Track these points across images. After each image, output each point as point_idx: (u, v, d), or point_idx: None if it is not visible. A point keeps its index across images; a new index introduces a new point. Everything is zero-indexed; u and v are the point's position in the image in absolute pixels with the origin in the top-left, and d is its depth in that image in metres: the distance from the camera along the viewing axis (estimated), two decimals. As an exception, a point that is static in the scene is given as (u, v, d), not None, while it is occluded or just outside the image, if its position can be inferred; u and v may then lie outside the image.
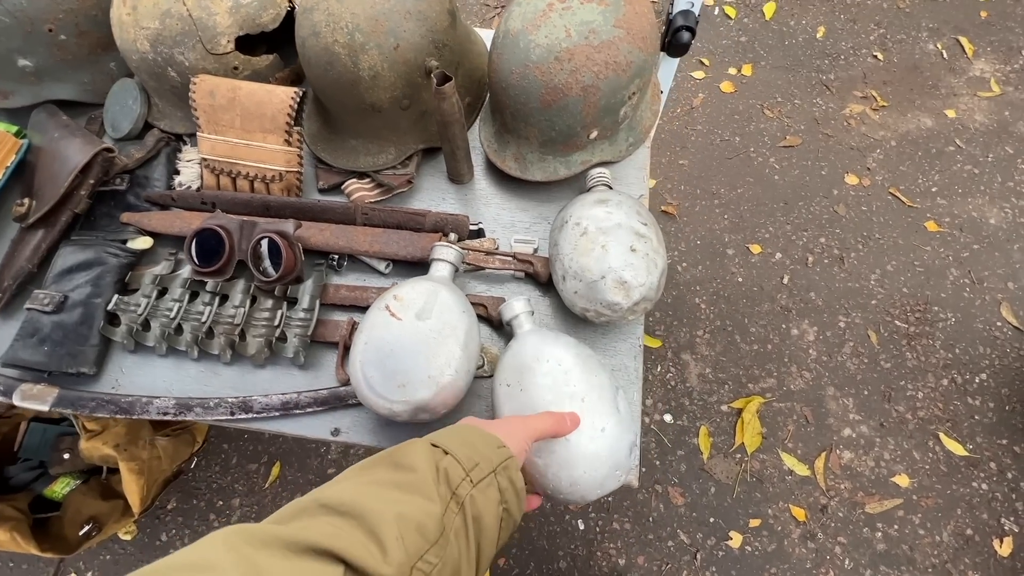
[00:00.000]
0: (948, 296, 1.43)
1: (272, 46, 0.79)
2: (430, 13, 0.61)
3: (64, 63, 0.72)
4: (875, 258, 1.49)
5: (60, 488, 1.17)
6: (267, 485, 1.28)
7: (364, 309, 0.64)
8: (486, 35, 0.79)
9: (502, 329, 0.63)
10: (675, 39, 0.72)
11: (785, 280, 1.47)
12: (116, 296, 0.62)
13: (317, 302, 0.61)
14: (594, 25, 0.57)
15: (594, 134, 0.64)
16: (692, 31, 0.71)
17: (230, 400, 0.57)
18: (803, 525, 1.21)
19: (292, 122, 0.65)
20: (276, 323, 0.60)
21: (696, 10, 0.71)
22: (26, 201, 0.65)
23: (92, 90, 0.75)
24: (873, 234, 1.52)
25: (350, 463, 1.31)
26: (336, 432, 0.58)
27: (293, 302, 0.62)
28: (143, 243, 0.65)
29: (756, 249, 1.52)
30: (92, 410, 0.57)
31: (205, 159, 0.67)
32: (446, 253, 0.59)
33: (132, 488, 1.11)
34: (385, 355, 0.50)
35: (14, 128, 0.71)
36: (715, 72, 1.84)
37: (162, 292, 0.63)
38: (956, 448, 1.26)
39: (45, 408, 0.57)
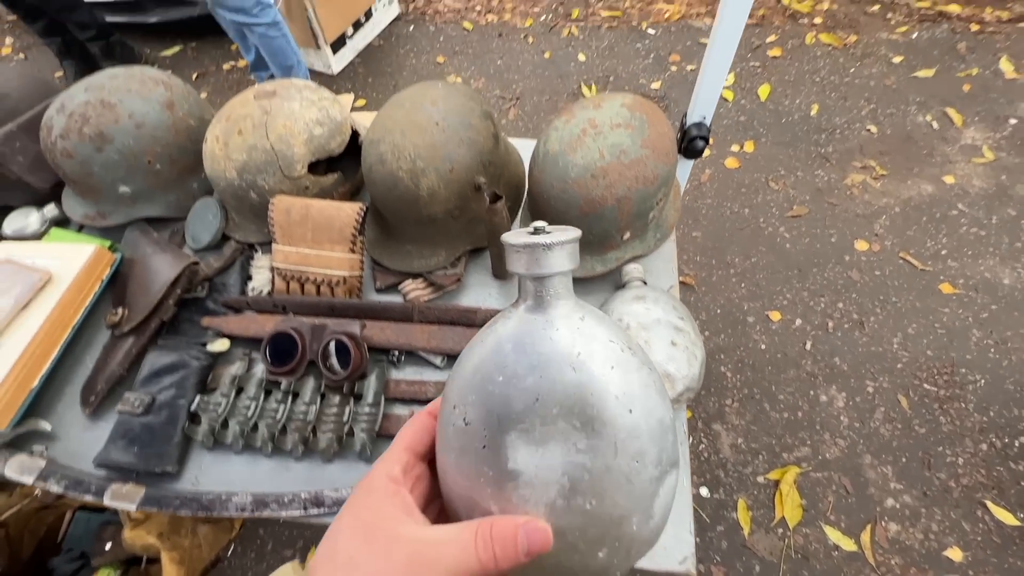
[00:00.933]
0: (974, 358, 1.44)
1: (331, 163, 0.89)
2: (478, 139, 0.71)
3: (156, 187, 0.82)
4: (895, 321, 1.52)
5: (101, 580, 1.17)
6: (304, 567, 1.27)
7: (423, 402, 0.69)
8: (519, 143, 0.90)
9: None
10: (691, 146, 0.81)
11: (808, 346, 1.50)
12: (199, 397, 0.67)
13: (382, 397, 0.66)
14: (624, 146, 0.65)
15: (627, 235, 0.71)
16: (706, 140, 0.80)
17: (303, 496, 0.61)
18: (857, 606, 1.16)
19: (357, 232, 0.73)
20: (344, 419, 0.65)
21: (708, 121, 0.80)
22: (120, 310, 0.73)
23: (177, 207, 0.85)
24: (890, 298, 1.56)
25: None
26: (401, 524, 0.61)
27: (358, 397, 0.67)
28: (221, 345, 0.72)
29: (776, 316, 1.56)
30: (176, 508, 0.61)
31: (277, 267, 0.75)
32: (500, 349, 0.64)
33: (173, 579, 1.12)
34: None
35: (108, 243, 0.81)
36: (719, 149, 1.97)
37: (239, 391, 0.69)
38: (1006, 517, 1.23)
39: (133, 507, 0.61)
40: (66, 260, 0.74)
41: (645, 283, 0.71)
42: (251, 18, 1.79)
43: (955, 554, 1.20)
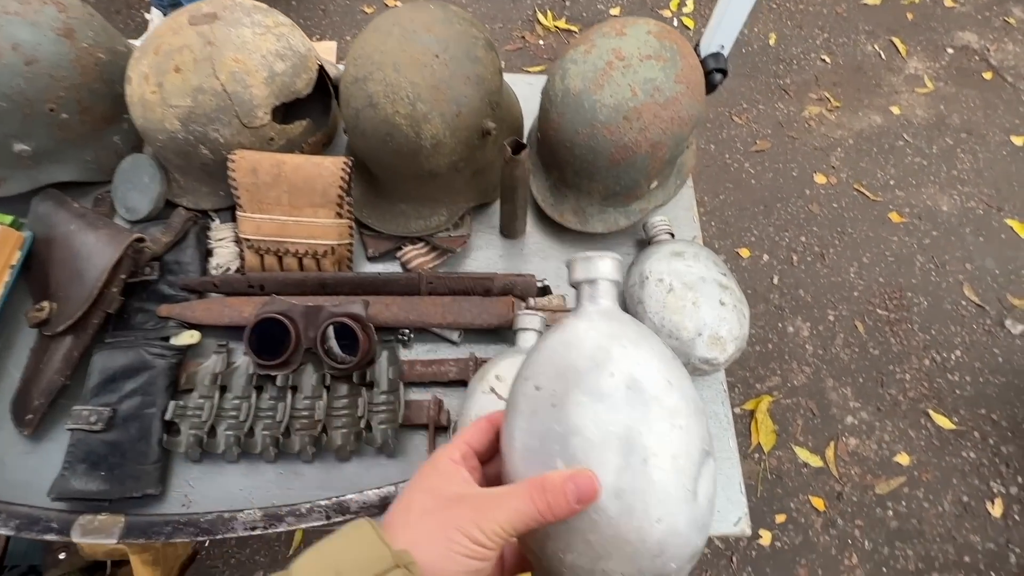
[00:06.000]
0: (918, 282, 1.56)
1: (291, 108, 0.74)
2: (485, 75, 0.59)
3: (65, 142, 0.65)
4: (851, 252, 1.60)
5: (60, 593, 1.05)
6: (291, 552, 1.21)
7: (443, 384, 0.61)
8: (508, 78, 0.78)
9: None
10: (708, 80, 0.74)
11: (775, 280, 1.55)
12: (172, 402, 0.56)
13: (400, 383, 0.58)
14: (657, 82, 0.57)
15: (655, 184, 0.65)
16: (724, 73, 0.73)
17: (323, 503, 0.54)
18: (823, 514, 1.28)
19: (344, 193, 0.62)
20: (360, 412, 0.57)
21: (727, 51, 0.73)
22: (46, 305, 0.58)
23: (96, 168, 0.68)
24: (847, 229, 1.63)
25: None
26: (439, 520, 0.55)
27: (370, 385, 0.59)
28: (191, 338, 0.60)
29: (745, 253, 1.59)
30: (168, 536, 0.52)
31: (248, 239, 0.63)
32: (532, 322, 0.57)
33: (149, 582, 1.02)
34: (504, 443, 0.48)
35: (9, 218, 0.63)
36: (682, 82, 1.91)
37: (222, 389, 0.58)
38: (944, 422, 1.38)
39: (113, 542, 0.51)
40: (-44, 245, 0.57)
41: (673, 235, 0.66)
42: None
43: (903, 459, 1.34)
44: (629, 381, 0.28)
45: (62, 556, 1.10)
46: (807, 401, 1.40)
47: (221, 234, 0.66)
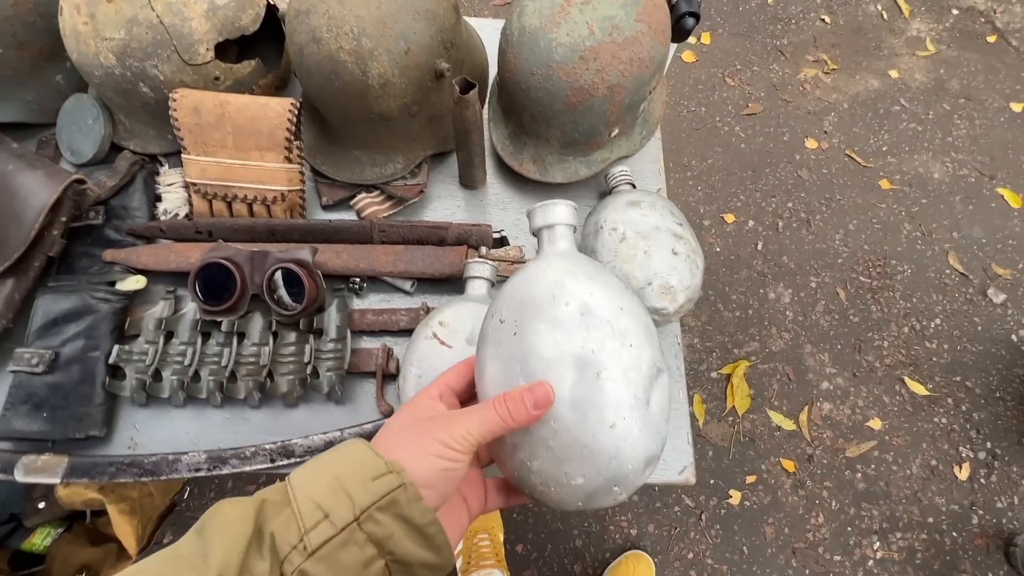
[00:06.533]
0: (903, 249, 1.54)
1: (244, 50, 0.71)
2: (438, 11, 0.57)
3: (2, 80, 0.62)
4: (838, 218, 1.58)
5: (40, 540, 1.07)
6: (269, 505, 1.24)
7: (393, 333, 0.61)
8: (476, 23, 0.75)
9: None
10: (678, 25, 0.71)
11: (759, 246, 1.54)
12: (117, 347, 0.55)
13: (348, 331, 0.57)
14: (616, 20, 0.54)
15: (615, 132, 0.63)
16: (696, 16, 0.70)
17: (268, 447, 0.54)
18: (793, 475, 1.31)
19: (292, 137, 0.60)
20: (306, 358, 0.56)
21: (699, -6, 0.69)
22: (-15, 247, 0.57)
23: (38, 109, 0.65)
24: (835, 196, 1.61)
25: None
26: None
27: (319, 333, 0.58)
28: (137, 283, 0.59)
29: (730, 218, 1.57)
30: (112, 476, 0.52)
31: (194, 183, 0.61)
32: (482, 270, 0.56)
33: (125, 530, 1.04)
34: (443, 387, 0.47)
35: (-52, 160, 0.61)
36: (675, 42, 1.84)
37: (168, 336, 0.57)
38: (919, 389, 1.39)
39: (56, 481, 0.51)
40: None
41: (634, 187, 0.64)
42: None
43: (875, 424, 1.35)
44: (582, 308, 0.32)
45: (41, 506, 1.12)
46: (784, 366, 1.41)
47: (170, 179, 0.65)
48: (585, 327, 0.31)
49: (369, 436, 0.55)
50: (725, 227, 1.56)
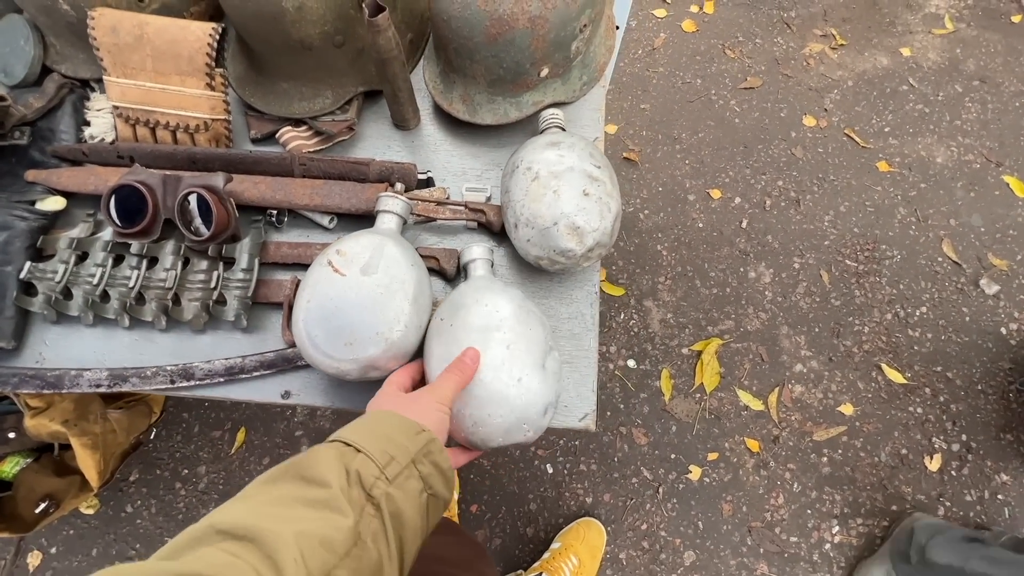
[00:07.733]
0: (895, 235, 1.49)
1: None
2: (358, -67, 0.55)
3: (-66, -4, 0.62)
4: (829, 199, 1.52)
5: (9, 468, 1.12)
6: (233, 451, 1.27)
7: (306, 266, 0.60)
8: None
9: (457, 280, 0.61)
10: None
11: (744, 224, 1.49)
12: (30, 263, 0.56)
13: (256, 261, 0.57)
14: (539, -53, 0.52)
15: (545, 71, 0.60)
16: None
17: (169, 368, 0.54)
18: (756, 456, 1.29)
19: (213, 63, 0.59)
20: (213, 285, 0.56)
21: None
22: (-92, 160, 0.57)
23: (-27, 29, 0.65)
24: (828, 176, 1.55)
25: (318, 424, 1.30)
26: (287, 395, 0.56)
27: (231, 262, 0.58)
28: (55, 203, 0.59)
29: (716, 194, 1.53)
30: (15, 386, 0.53)
31: (117, 107, 0.60)
32: (392, 204, 0.55)
33: (88, 463, 1.08)
34: (329, 313, 0.47)
35: None
36: (676, 10, 1.78)
37: (82, 257, 0.58)
38: (896, 377, 1.35)
39: (-40, 387, 0.53)
40: None
41: (564, 130, 0.62)
42: None
43: (847, 409, 1.32)
44: (495, 307, 0.49)
45: (12, 436, 1.16)
46: (757, 347, 1.38)
47: (99, 104, 0.64)
48: (498, 319, 0.48)
49: (271, 364, 0.55)
50: (710, 203, 1.52)
